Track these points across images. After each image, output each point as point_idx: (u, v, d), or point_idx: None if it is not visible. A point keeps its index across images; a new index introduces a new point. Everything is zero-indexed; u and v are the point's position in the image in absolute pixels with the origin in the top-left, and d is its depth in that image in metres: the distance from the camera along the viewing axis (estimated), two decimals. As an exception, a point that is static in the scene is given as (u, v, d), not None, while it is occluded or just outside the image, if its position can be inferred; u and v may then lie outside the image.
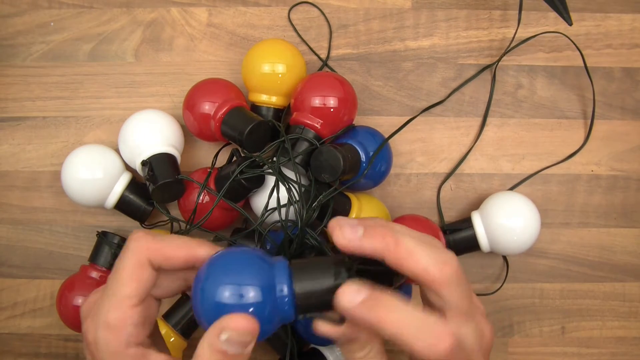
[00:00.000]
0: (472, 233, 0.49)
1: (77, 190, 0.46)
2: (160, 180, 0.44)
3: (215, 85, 0.47)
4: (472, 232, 0.49)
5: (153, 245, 0.31)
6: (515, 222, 0.47)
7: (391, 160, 0.49)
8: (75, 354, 0.51)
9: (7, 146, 0.52)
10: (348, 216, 0.46)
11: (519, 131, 0.53)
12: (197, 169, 0.48)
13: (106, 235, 0.48)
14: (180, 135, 0.48)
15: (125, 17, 0.52)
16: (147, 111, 0.48)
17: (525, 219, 0.48)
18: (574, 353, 0.53)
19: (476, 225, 0.49)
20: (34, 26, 0.52)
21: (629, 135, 0.54)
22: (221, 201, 0.45)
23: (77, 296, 0.46)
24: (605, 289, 0.53)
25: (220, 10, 0.53)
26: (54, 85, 0.52)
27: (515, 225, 0.47)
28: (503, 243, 0.47)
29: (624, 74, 0.54)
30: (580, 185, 0.53)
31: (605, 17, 0.54)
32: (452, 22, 0.53)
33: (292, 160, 0.44)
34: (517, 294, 0.53)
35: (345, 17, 0.53)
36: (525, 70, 0.54)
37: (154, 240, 0.32)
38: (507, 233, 0.47)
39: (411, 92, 0.53)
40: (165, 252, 0.32)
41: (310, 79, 0.47)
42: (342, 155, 0.43)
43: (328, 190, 0.44)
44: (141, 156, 0.46)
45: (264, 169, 0.45)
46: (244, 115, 0.45)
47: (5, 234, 0.51)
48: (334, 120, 0.46)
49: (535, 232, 0.48)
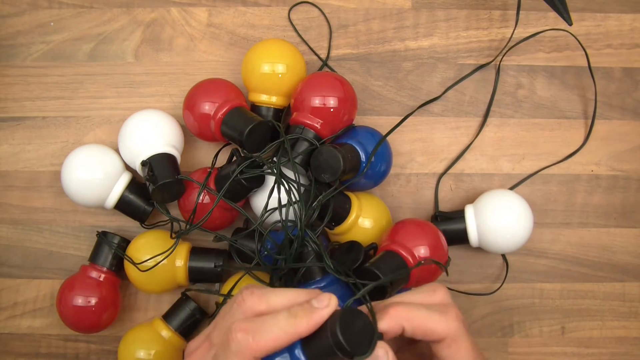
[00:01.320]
0: (463, 226, 0.49)
1: (77, 191, 0.46)
2: (160, 181, 0.44)
3: (215, 85, 0.47)
4: (463, 225, 0.49)
5: (256, 346, 0.30)
6: (506, 221, 0.47)
7: (391, 160, 0.49)
8: (76, 354, 0.51)
9: (7, 146, 0.52)
10: (347, 216, 0.46)
11: (519, 131, 0.53)
12: (197, 169, 0.48)
13: (106, 235, 0.48)
14: (180, 135, 0.48)
15: (125, 17, 0.52)
16: (147, 111, 0.48)
17: (517, 219, 0.47)
18: (574, 353, 0.53)
19: (468, 218, 0.48)
20: (34, 26, 0.52)
21: (629, 135, 0.54)
22: (221, 201, 0.45)
23: (77, 296, 0.46)
24: (605, 289, 0.53)
25: (220, 10, 0.53)
26: (54, 85, 0.52)
27: (506, 224, 0.47)
28: (492, 240, 0.47)
29: (624, 74, 0.54)
30: (580, 185, 0.53)
31: (605, 17, 0.54)
32: (452, 22, 0.53)
33: (291, 161, 0.44)
34: (517, 294, 0.53)
35: (345, 17, 0.53)
36: (525, 70, 0.54)
37: (256, 339, 0.30)
38: (497, 230, 0.47)
39: (411, 92, 0.53)
40: (269, 347, 0.30)
41: (310, 79, 0.47)
42: (342, 155, 0.43)
43: (328, 190, 0.44)
44: (141, 156, 0.46)
45: (263, 169, 0.45)
46: (243, 115, 0.45)
47: (5, 234, 0.51)
48: (334, 120, 0.46)
49: (527, 232, 0.48)
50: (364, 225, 0.47)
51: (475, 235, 0.48)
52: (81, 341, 0.51)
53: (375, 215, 0.47)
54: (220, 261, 0.47)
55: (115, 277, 0.48)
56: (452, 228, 0.49)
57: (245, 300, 0.32)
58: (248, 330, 0.30)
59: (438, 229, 0.47)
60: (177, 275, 0.47)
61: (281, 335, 0.30)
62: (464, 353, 0.32)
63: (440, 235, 0.46)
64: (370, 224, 0.47)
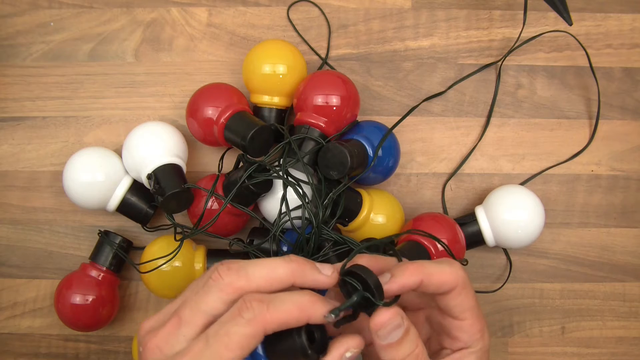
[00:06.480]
0: (476, 228, 0.49)
1: (78, 193, 0.46)
2: (167, 192, 0.44)
3: (218, 90, 0.47)
4: (476, 227, 0.49)
5: (269, 317, 0.30)
6: (520, 215, 0.48)
7: (399, 155, 0.49)
8: (75, 354, 0.51)
9: (7, 146, 0.52)
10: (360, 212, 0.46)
11: (519, 131, 0.53)
12: (205, 176, 0.48)
13: (108, 235, 0.48)
14: (183, 144, 0.48)
15: (125, 17, 0.52)
16: (147, 124, 0.47)
17: (530, 212, 0.48)
18: (574, 353, 0.53)
19: (480, 219, 0.49)
20: (34, 26, 0.52)
21: (629, 135, 0.54)
22: (231, 207, 0.45)
23: (75, 294, 0.46)
24: (605, 289, 0.53)
25: (220, 10, 0.53)
26: (54, 85, 0.52)
27: (520, 218, 0.48)
28: (508, 236, 0.48)
29: (624, 74, 0.54)
30: (580, 185, 0.53)
31: (605, 17, 0.54)
32: (452, 22, 0.53)
33: (300, 161, 0.44)
34: (517, 294, 0.53)
35: (345, 17, 0.53)
36: (526, 70, 0.54)
37: (270, 309, 0.30)
38: (512, 226, 0.47)
39: (411, 92, 0.53)
40: (281, 321, 0.30)
41: (312, 78, 0.47)
42: (349, 151, 0.43)
43: (338, 187, 0.44)
44: (146, 169, 0.45)
45: (271, 172, 0.45)
46: (246, 120, 0.45)
47: (5, 234, 0.51)
48: (338, 117, 0.46)
49: (540, 223, 0.48)
50: (377, 221, 0.47)
51: (491, 235, 0.48)
52: (81, 341, 0.51)
53: (388, 211, 0.47)
54: None
55: (114, 277, 0.48)
56: (467, 232, 0.49)
57: (222, 277, 0.31)
58: (263, 300, 0.30)
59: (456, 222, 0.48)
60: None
61: (294, 310, 0.30)
62: (471, 299, 0.34)
63: (459, 229, 0.47)
64: (384, 219, 0.47)
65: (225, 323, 0.30)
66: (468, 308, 0.34)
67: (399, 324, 0.30)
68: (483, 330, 0.35)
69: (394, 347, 0.31)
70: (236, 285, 0.31)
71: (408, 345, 0.31)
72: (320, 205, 0.44)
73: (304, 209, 0.44)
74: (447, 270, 0.33)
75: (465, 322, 0.34)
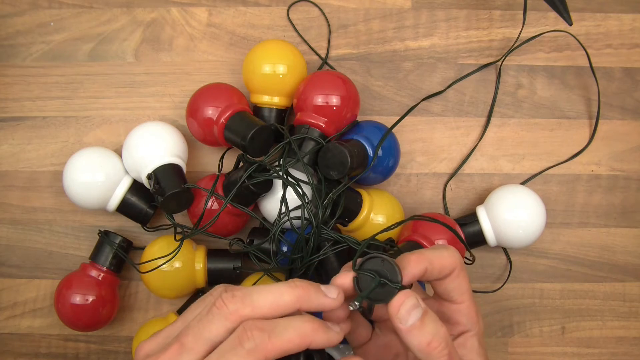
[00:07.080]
0: (478, 228, 0.49)
1: (78, 193, 0.46)
2: (168, 192, 0.44)
3: (218, 90, 0.47)
4: (478, 227, 0.49)
5: (271, 346, 0.30)
6: (522, 214, 0.48)
7: (399, 152, 0.49)
8: (75, 354, 0.51)
9: (7, 146, 0.52)
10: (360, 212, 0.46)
11: (519, 131, 0.53)
12: (205, 176, 0.48)
13: (108, 235, 0.48)
14: (183, 144, 0.48)
15: (125, 17, 0.52)
16: (147, 124, 0.47)
17: (531, 211, 0.48)
18: (574, 353, 0.53)
19: (481, 219, 0.49)
20: (34, 26, 0.52)
21: (629, 135, 0.54)
22: (231, 207, 0.45)
23: (75, 294, 0.46)
24: (605, 289, 0.53)
25: (220, 10, 0.53)
26: (54, 85, 0.52)
27: (522, 218, 0.48)
28: (510, 236, 0.48)
29: (624, 74, 0.54)
30: (581, 185, 0.53)
31: (605, 17, 0.54)
32: (452, 22, 0.53)
33: (300, 161, 0.44)
34: (517, 294, 0.53)
35: (345, 17, 0.53)
36: (525, 70, 0.54)
37: (272, 339, 0.30)
38: (514, 225, 0.47)
39: (411, 92, 0.53)
40: (283, 350, 0.30)
41: (312, 78, 0.47)
42: (349, 151, 0.43)
43: (338, 187, 0.44)
44: (146, 170, 0.45)
45: (271, 172, 0.45)
46: (246, 120, 0.45)
47: (5, 234, 0.51)
48: (338, 117, 0.46)
49: (542, 223, 0.48)
50: (377, 221, 0.47)
51: (493, 235, 0.48)
52: (81, 341, 0.51)
53: (388, 211, 0.47)
54: (239, 263, 0.47)
55: (114, 277, 0.48)
56: (468, 232, 0.49)
57: (227, 305, 0.31)
58: (264, 328, 0.30)
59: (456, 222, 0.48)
60: (197, 278, 0.47)
61: (295, 338, 0.30)
62: (467, 281, 0.35)
63: (459, 228, 0.48)
64: (384, 219, 0.47)
65: (226, 352, 0.29)
66: (466, 290, 0.35)
67: (415, 303, 0.31)
68: (478, 313, 0.36)
69: (417, 328, 0.31)
70: (241, 314, 0.30)
71: (431, 325, 0.31)
72: (320, 205, 0.44)
73: (303, 209, 0.44)
74: (445, 254, 0.34)
75: (463, 305, 0.35)
